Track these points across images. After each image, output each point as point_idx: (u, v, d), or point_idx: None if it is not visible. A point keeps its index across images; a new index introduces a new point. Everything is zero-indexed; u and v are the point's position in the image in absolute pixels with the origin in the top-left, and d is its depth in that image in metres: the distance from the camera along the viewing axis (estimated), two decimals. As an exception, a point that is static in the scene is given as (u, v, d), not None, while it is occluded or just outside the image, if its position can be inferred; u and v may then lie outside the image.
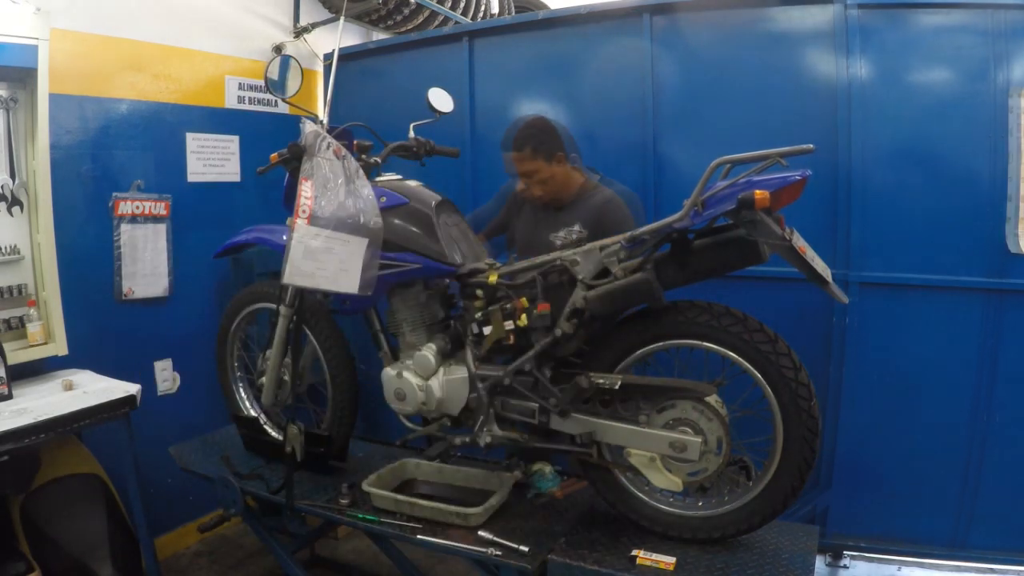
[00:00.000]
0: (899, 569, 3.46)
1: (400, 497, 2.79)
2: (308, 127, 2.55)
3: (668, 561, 2.35)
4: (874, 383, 3.30)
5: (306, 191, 2.43)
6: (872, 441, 3.36)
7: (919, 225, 3.20)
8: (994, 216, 3.10)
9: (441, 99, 2.97)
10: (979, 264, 3.13)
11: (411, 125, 2.99)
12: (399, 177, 2.82)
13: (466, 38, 4.07)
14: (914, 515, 3.38)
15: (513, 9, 5.68)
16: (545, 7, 5.66)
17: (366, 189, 2.55)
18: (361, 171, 2.57)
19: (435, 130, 3.03)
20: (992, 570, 3.31)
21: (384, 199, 2.63)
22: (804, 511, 3.37)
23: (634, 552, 2.40)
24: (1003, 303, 3.12)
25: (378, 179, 2.77)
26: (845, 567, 3.52)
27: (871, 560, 3.51)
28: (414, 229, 2.66)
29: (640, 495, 2.54)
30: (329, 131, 2.64)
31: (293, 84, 2.84)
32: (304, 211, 2.41)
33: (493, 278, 2.60)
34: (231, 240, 3.18)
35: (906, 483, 3.37)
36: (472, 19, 5.19)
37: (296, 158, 2.59)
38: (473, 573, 3.76)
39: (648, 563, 2.35)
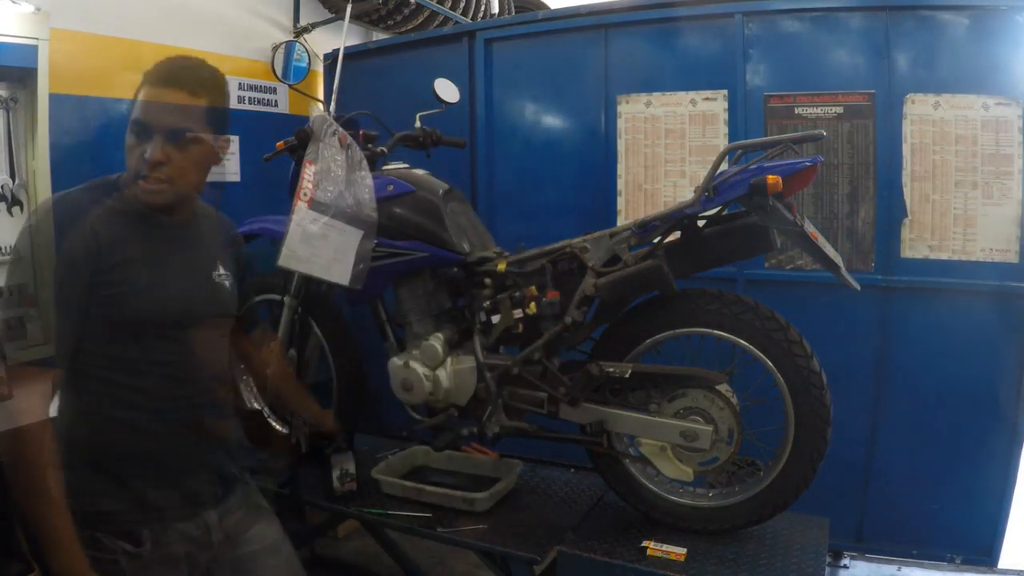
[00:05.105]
0: (899, 569, 3.45)
1: (407, 483, 2.79)
2: (316, 113, 2.54)
3: (679, 552, 2.33)
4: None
5: (309, 174, 2.41)
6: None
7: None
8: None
9: (447, 89, 2.96)
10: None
11: (418, 115, 2.98)
12: (406, 165, 2.81)
13: (466, 38, 4.07)
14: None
15: (513, 9, 5.68)
16: (545, 7, 5.66)
17: (368, 180, 2.53)
18: (364, 161, 2.56)
19: (435, 127, 3.03)
20: (992, 570, 3.30)
21: (391, 187, 2.62)
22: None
23: (644, 543, 2.38)
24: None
25: (385, 167, 2.76)
26: (845, 567, 3.51)
27: (871, 560, 3.49)
28: (421, 218, 2.64)
29: (650, 486, 2.52)
30: (336, 119, 2.63)
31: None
32: (306, 193, 2.39)
33: (502, 266, 2.59)
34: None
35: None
36: (472, 19, 5.19)
37: (303, 146, 2.58)
38: (475, 573, 3.79)
39: (659, 554, 2.33)
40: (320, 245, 2.44)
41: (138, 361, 1.74)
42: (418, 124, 2.97)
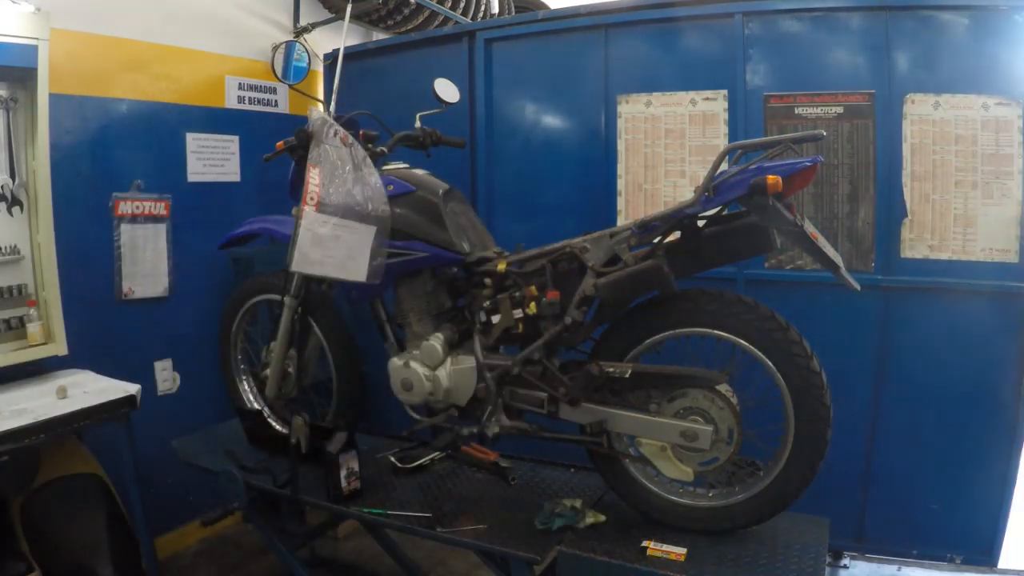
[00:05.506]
0: (899, 569, 3.45)
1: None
2: (315, 114, 2.55)
3: (679, 552, 2.32)
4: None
5: (314, 178, 2.42)
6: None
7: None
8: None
9: (447, 89, 2.96)
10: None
11: (418, 115, 2.98)
12: (406, 165, 2.81)
13: (466, 38, 4.08)
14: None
15: (513, 9, 5.68)
16: (545, 7, 5.67)
17: (373, 177, 2.54)
18: (368, 159, 2.57)
19: (435, 127, 3.03)
20: (992, 570, 3.30)
21: (391, 187, 2.62)
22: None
23: (644, 543, 2.37)
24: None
25: (385, 167, 2.75)
26: (845, 567, 3.50)
27: (871, 560, 3.49)
28: (421, 217, 2.64)
29: (650, 486, 2.51)
30: (336, 119, 2.63)
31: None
32: (312, 198, 2.41)
33: (502, 266, 2.58)
34: (236, 231, 3.15)
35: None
36: (472, 19, 5.19)
37: (303, 146, 2.60)
38: (475, 573, 3.79)
39: (659, 554, 2.32)
40: (333, 246, 2.46)
41: None
42: (418, 124, 2.97)
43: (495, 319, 2.59)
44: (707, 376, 2.33)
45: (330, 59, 4.50)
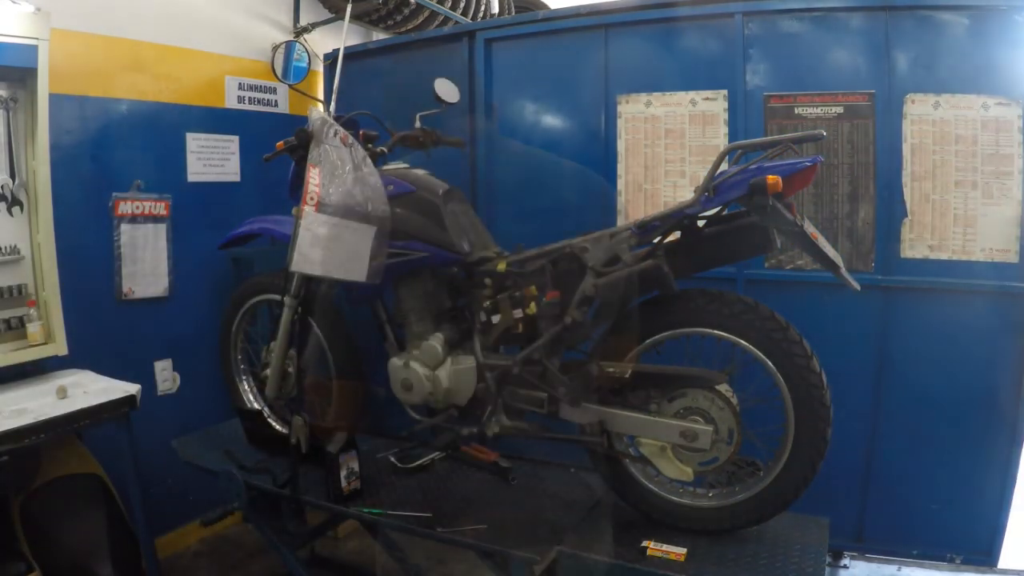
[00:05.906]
0: (899, 569, 3.44)
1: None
2: (315, 114, 2.55)
3: (679, 552, 2.33)
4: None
5: (314, 178, 2.42)
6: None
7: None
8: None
9: (447, 89, 2.96)
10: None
11: (417, 115, 2.98)
12: (406, 165, 2.81)
13: (466, 38, 4.07)
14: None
15: (513, 9, 5.67)
16: (545, 7, 5.66)
17: (373, 177, 2.54)
18: (368, 159, 2.57)
19: (435, 127, 3.03)
20: (992, 570, 3.30)
21: (391, 187, 2.62)
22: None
23: (644, 543, 2.38)
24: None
25: (385, 167, 2.76)
26: (845, 567, 3.50)
27: (871, 560, 3.49)
28: (421, 217, 2.64)
29: (650, 486, 2.52)
30: (336, 119, 2.63)
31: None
32: (312, 198, 2.40)
33: (502, 266, 2.59)
34: (236, 231, 3.16)
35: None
36: (472, 19, 5.18)
37: (303, 146, 2.60)
38: (473, 573, 3.78)
39: (659, 554, 2.33)
40: (333, 246, 2.45)
41: None
42: (418, 124, 2.97)
43: (495, 319, 2.59)
44: (707, 376, 2.33)
45: (330, 59, 4.50)
